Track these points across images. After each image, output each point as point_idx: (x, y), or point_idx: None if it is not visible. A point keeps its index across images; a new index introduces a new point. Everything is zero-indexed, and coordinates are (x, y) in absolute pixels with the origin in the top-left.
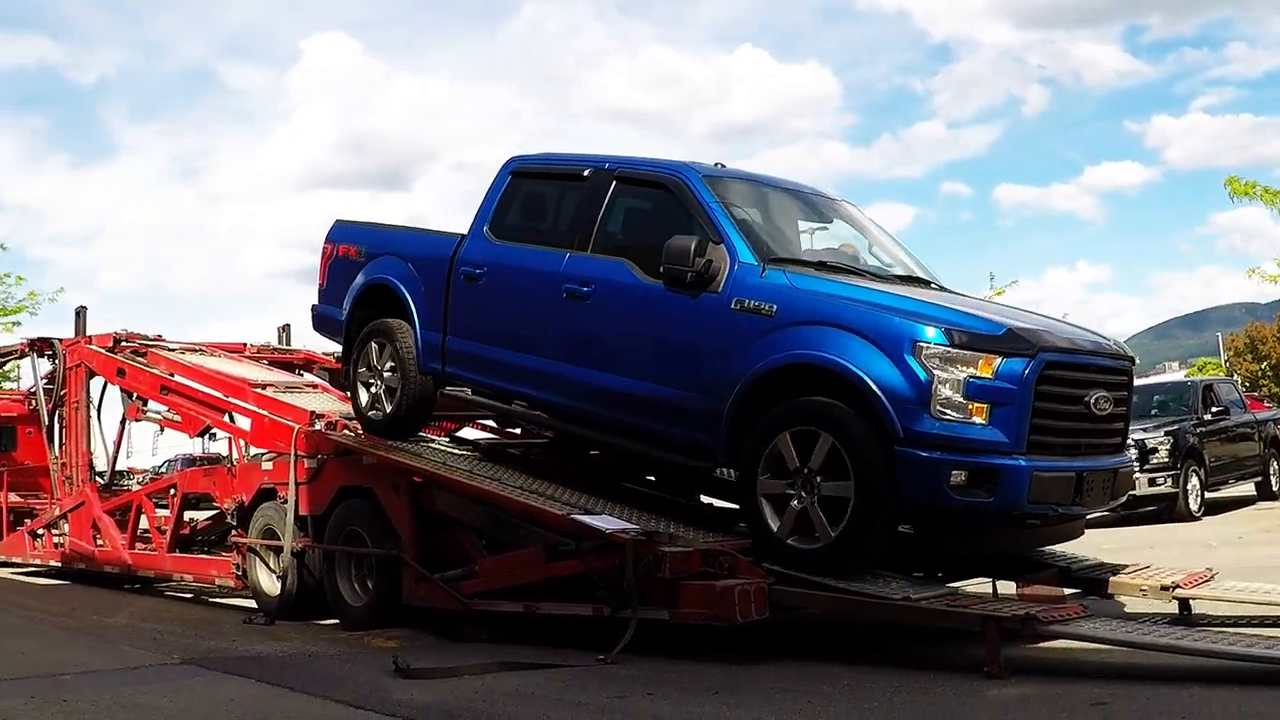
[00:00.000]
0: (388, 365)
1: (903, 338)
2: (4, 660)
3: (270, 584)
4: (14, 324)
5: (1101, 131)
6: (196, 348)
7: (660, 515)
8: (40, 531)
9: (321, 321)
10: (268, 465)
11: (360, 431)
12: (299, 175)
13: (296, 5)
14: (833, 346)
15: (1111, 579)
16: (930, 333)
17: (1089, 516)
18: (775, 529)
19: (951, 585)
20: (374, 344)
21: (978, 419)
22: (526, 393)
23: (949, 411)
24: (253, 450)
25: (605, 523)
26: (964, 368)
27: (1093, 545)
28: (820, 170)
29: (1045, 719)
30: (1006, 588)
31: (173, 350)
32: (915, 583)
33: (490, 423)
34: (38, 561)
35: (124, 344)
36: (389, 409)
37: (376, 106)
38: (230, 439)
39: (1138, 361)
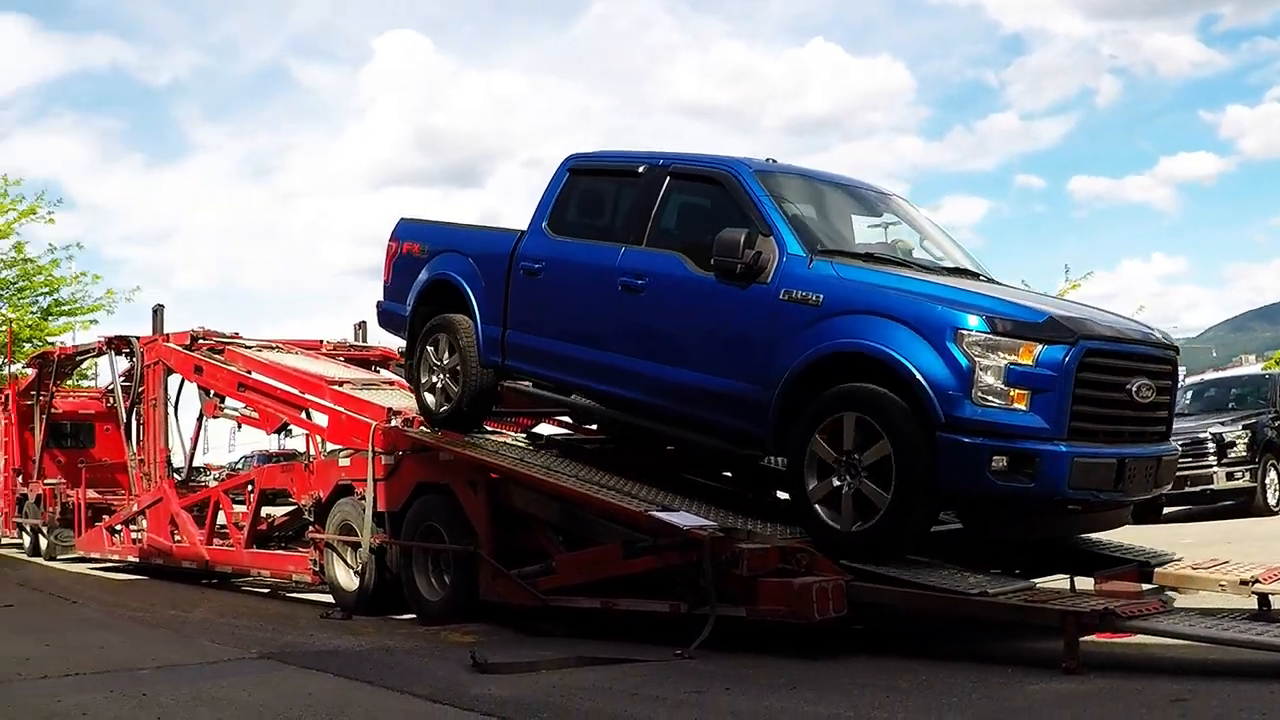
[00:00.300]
0: (450, 359)
1: (945, 326)
2: (83, 654)
3: (347, 579)
4: (90, 322)
5: (1176, 122)
6: (273, 345)
7: (737, 511)
8: (118, 527)
9: (387, 317)
10: (345, 461)
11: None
12: (372, 173)
13: (367, 4)
14: (877, 335)
15: (1190, 574)
16: (972, 321)
17: (1163, 510)
18: (830, 523)
19: (1029, 581)
20: (437, 338)
21: (1019, 405)
22: (583, 384)
23: (991, 398)
24: (329, 446)
25: (683, 519)
26: (1005, 355)
27: (1171, 539)
28: (893, 164)
29: (1125, 715)
30: (1084, 583)
31: (250, 348)
32: (993, 578)
33: (566, 419)
34: (116, 557)
35: (201, 342)
36: (451, 401)
37: (448, 104)
38: (307, 435)
39: (1214, 354)
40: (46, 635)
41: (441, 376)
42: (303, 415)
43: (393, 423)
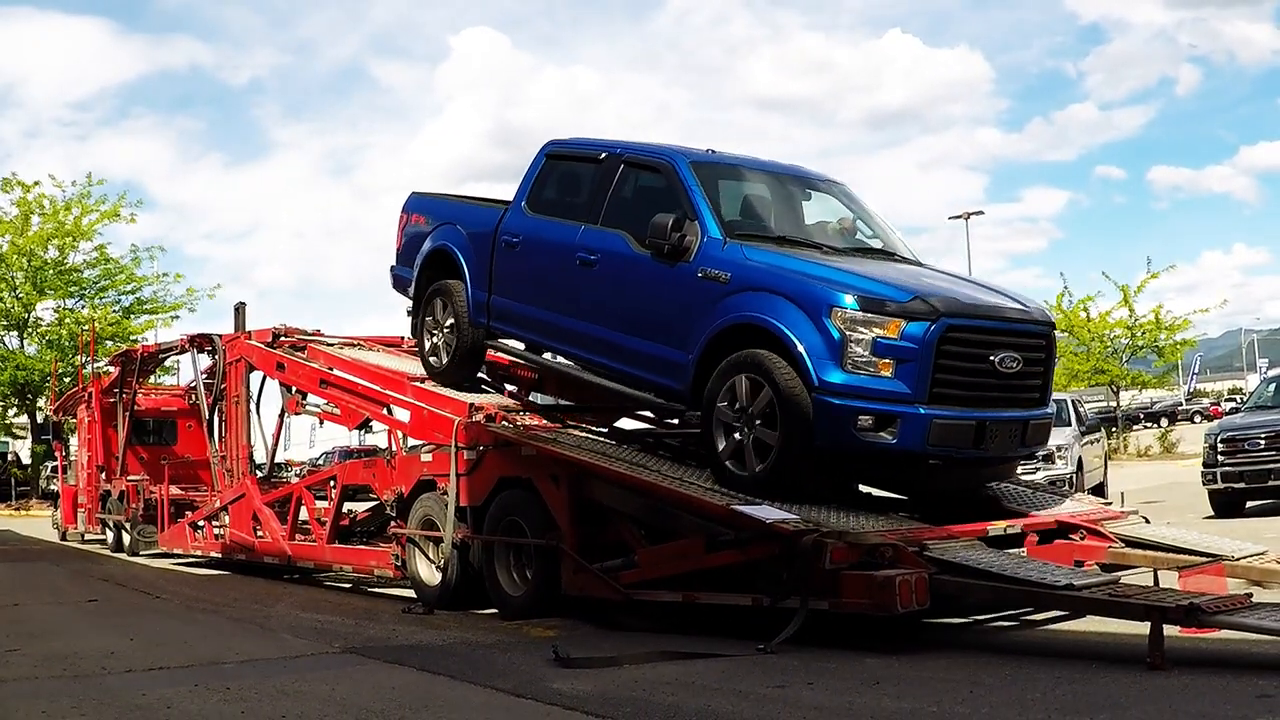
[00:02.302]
0: (446, 319)
1: (822, 303)
2: (167, 648)
3: (429, 574)
4: (173, 318)
5: (1256, 111)
6: (354, 342)
7: (819, 505)
8: (201, 523)
9: (397, 280)
10: (427, 457)
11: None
12: (451, 170)
13: (444, 2)
14: (768, 309)
15: (1274, 568)
16: (847, 299)
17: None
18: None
19: (1114, 575)
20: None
21: (885, 373)
22: (551, 344)
23: (859, 366)
24: (411, 442)
25: (765, 513)
26: (873, 329)
27: (1253, 534)
28: (973, 156)
29: (1209, 710)
30: (1169, 578)
31: (331, 345)
32: (1077, 572)
33: (648, 413)
34: (198, 553)
35: (283, 339)
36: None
37: (526, 100)
38: (389, 431)
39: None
40: (130, 630)
41: (441, 335)
42: (385, 411)
43: (475, 418)
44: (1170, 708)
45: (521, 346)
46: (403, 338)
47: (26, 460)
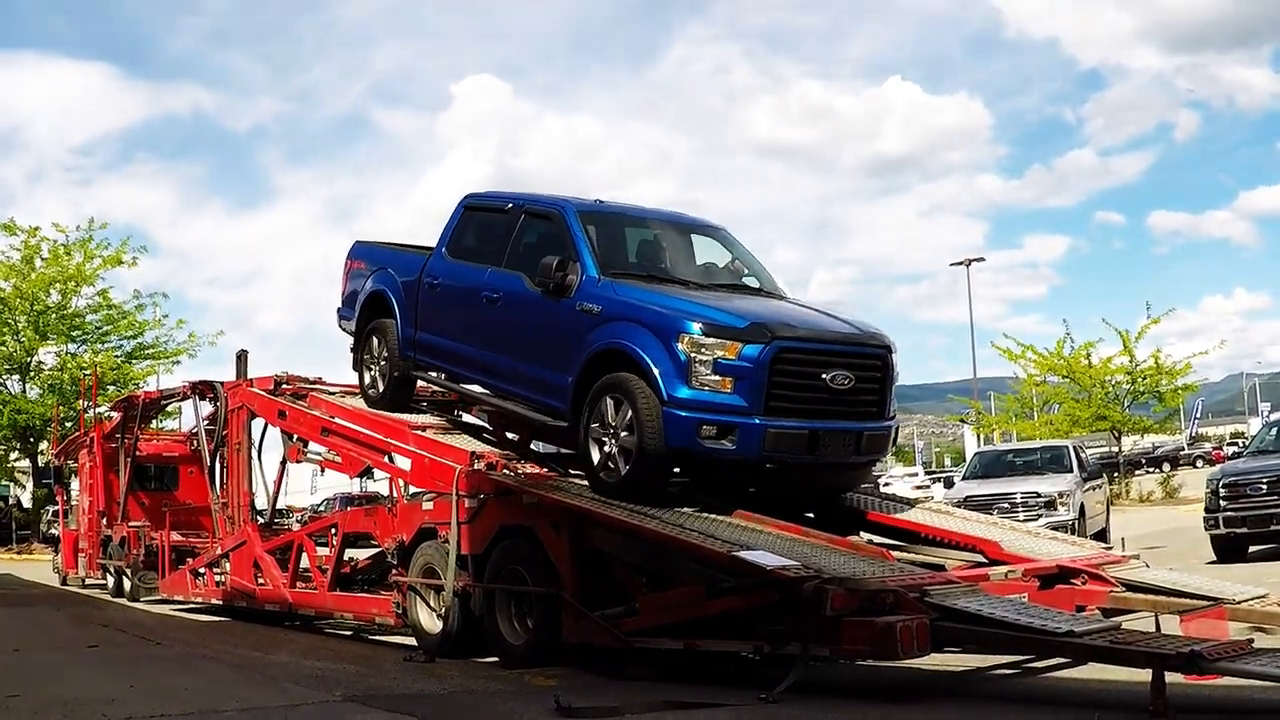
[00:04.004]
0: (381, 353)
1: (672, 329)
2: (167, 695)
3: (431, 622)
4: (174, 363)
5: (1255, 155)
6: (356, 390)
7: (819, 550)
8: (202, 570)
9: (341, 320)
10: (428, 505)
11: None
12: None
13: (445, 50)
14: (629, 336)
15: (1276, 611)
16: (694, 326)
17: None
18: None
19: (1115, 620)
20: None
21: (725, 389)
22: (466, 374)
23: (704, 383)
24: (411, 490)
25: (766, 559)
26: (715, 351)
27: (1256, 578)
28: (973, 203)
29: None
30: (1170, 622)
31: (332, 393)
32: (1079, 618)
33: None
34: (199, 599)
35: (285, 387)
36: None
37: (528, 148)
38: (390, 479)
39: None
40: (131, 676)
41: (377, 368)
42: (386, 459)
43: (476, 466)
44: None
45: (443, 376)
46: None
47: (27, 504)
